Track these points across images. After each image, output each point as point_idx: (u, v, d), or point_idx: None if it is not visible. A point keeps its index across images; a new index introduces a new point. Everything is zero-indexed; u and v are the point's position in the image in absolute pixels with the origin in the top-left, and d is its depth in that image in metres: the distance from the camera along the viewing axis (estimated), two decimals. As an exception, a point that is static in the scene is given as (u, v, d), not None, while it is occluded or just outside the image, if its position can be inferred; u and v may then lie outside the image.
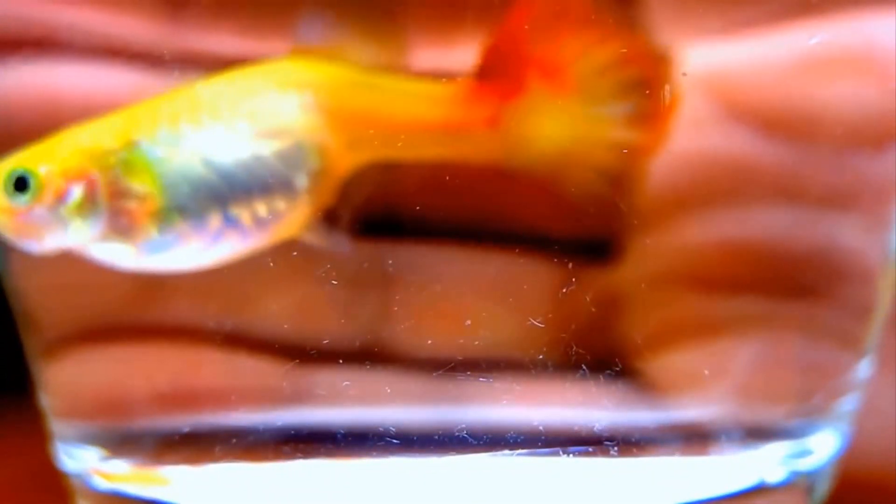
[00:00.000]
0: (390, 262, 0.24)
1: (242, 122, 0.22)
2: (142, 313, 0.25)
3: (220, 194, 0.22)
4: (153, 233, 0.22)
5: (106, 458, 0.25)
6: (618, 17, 0.20)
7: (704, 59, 0.24)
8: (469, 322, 0.24)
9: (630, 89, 0.21)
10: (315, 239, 0.22)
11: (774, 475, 0.25)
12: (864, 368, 0.26)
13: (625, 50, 0.21)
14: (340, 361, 0.24)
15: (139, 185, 0.22)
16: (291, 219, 0.22)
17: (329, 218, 0.22)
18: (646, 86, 0.21)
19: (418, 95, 0.22)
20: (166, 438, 0.25)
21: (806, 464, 0.26)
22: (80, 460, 0.26)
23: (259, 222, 0.22)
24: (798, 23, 0.23)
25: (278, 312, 0.24)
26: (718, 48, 0.24)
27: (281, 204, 0.22)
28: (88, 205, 0.22)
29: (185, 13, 0.23)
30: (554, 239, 0.24)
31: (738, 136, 0.24)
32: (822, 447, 0.26)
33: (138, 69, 0.23)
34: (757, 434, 0.25)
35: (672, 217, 0.24)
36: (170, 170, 0.22)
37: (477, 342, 0.24)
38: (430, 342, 0.24)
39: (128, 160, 0.22)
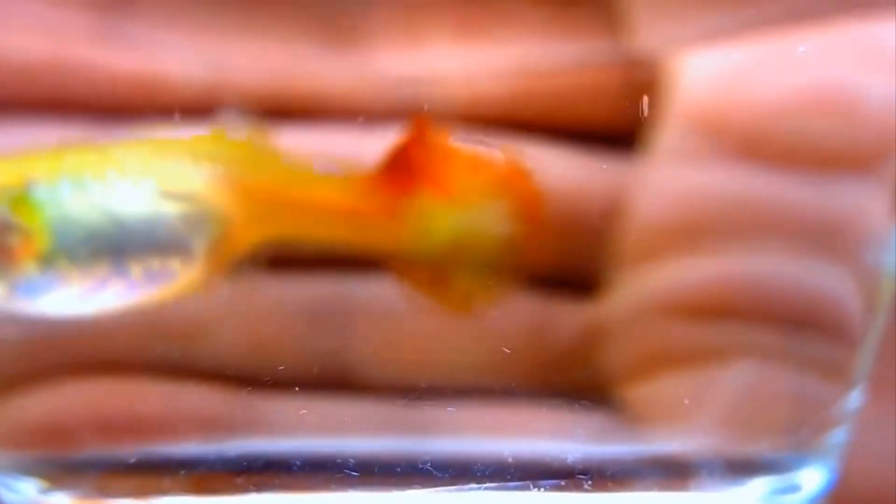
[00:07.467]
0: (351, 286, 0.24)
1: (149, 182, 0.23)
2: (85, 339, 0.24)
3: (113, 244, 0.23)
4: (33, 272, 0.23)
5: (46, 491, 0.25)
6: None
7: (691, 92, 0.24)
8: (435, 348, 0.24)
9: (498, 195, 0.24)
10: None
11: (759, 512, 0.25)
12: (853, 400, 0.26)
13: (492, 167, 0.24)
14: (297, 389, 0.24)
15: (24, 222, 0.23)
16: (183, 278, 0.24)
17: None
18: (514, 194, 0.24)
19: (322, 183, 0.24)
20: (111, 469, 0.25)
21: (793, 500, 0.25)
22: (19, 492, 0.25)
23: (149, 277, 0.23)
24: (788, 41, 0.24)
25: (231, 339, 0.24)
26: (704, 82, 0.24)
27: (175, 263, 0.23)
28: None
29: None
30: (534, 272, 0.24)
31: (725, 171, 0.24)
32: (809, 482, 0.26)
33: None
34: (741, 468, 0.25)
35: (657, 251, 0.24)
36: (62, 213, 0.23)
37: (443, 369, 0.24)
38: (393, 368, 0.24)
39: (17, 199, 0.23)
